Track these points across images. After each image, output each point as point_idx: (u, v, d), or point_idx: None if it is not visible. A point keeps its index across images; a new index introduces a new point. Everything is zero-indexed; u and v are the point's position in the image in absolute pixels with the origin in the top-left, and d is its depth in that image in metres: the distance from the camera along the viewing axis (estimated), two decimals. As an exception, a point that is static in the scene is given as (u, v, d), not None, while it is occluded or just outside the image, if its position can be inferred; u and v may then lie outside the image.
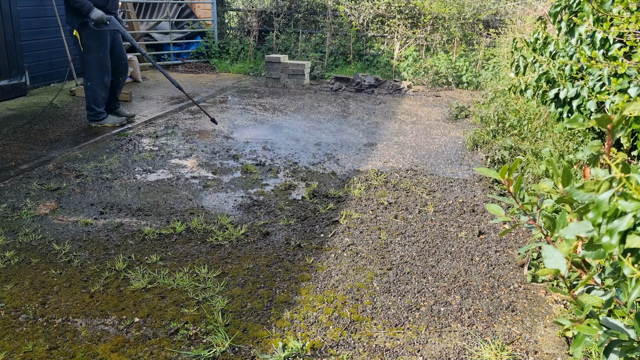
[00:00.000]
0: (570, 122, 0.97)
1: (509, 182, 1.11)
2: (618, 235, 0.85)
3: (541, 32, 3.46)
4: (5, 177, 4.01)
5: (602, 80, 2.79)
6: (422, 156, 4.92)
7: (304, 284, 2.73)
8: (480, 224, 3.50)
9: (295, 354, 2.18)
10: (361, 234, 3.31)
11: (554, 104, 3.36)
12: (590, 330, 0.97)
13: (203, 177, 4.17)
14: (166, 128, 5.57)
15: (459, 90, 8.34)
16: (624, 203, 0.83)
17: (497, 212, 1.13)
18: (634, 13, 2.60)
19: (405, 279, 2.81)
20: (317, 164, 4.61)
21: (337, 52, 9.44)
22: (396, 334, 2.36)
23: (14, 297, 2.52)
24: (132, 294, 2.57)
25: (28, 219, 3.33)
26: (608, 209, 0.86)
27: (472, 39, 8.85)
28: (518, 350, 2.29)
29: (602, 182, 0.89)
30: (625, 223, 0.84)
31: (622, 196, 0.85)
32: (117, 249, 3.01)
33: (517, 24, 7.61)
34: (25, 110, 5.99)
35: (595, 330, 0.96)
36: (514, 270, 2.95)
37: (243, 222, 3.40)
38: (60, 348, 2.18)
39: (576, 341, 1.01)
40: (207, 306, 2.49)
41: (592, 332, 0.97)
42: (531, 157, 4.21)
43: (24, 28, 6.66)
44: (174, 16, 9.72)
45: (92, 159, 4.48)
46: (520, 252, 3.08)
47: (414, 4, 8.91)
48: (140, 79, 7.91)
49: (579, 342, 1.00)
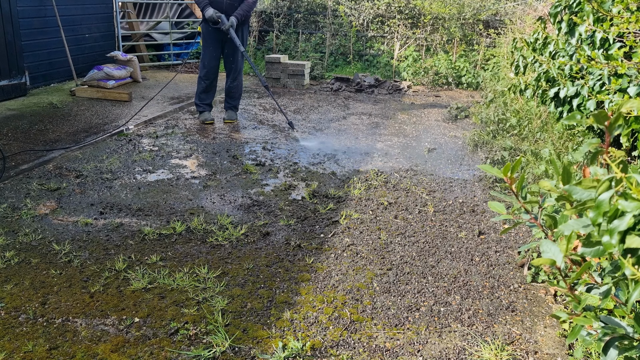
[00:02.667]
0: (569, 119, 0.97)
1: (511, 180, 1.11)
2: (618, 235, 0.85)
3: (541, 32, 3.46)
4: (5, 177, 4.01)
5: (602, 80, 2.79)
6: (422, 156, 4.92)
7: (304, 284, 2.73)
8: (480, 224, 3.50)
9: (295, 354, 2.18)
10: (361, 234, 3.31)
11: (554, 103, 3.36)
12: (587, 321, 0.97)
13: (203, 177, 4.17)
14: (166, 128, 5.57)
15: (459, 90, 8.34)
16: (624, 203, 0.83)
17: (498, 210, 1.13)
18: (634, 13, 2.60)
19: (405, 279, 2.81)
20: (317, 164, 4.61)
21: (337, 52, 9.44)
22: (396, 334, 2.36)
23: (14, 297, 2.52)
24: (132, 294, 2.57)
25: (28, 219, 3.33)
26: (608, 208, 0.86)
27: (472, 39, 8.85)
28: (518, 351, 2.29)
29: (603, 182, 0.89)
30: (625, 223, 0.84)
31: (622, 196, 0.85)
32: (117, 249, 3.01)
33: (517, 24, 7.61)
34: (25, 111, 5.99)
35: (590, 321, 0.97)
36: (514, 271, 2.95)
37: (243, 222, 3.40)
38: (60, 348, 2.18)
39: (572, 333, 1.01)
40: (207, 306, 2.49)
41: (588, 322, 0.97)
42: (531, 158, 4.21)
43: (24, 28, 6.66)
44: (174, 16, 9.72)
45: (92, 159, 4.48)
46: (520, 250, 3.08)
47: (414, 4, 8.91)
48: (140, 79, 7.91)
49: (575, 334, 1.00)
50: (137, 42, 9.15)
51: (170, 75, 8.64)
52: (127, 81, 7.68)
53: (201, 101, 5.91)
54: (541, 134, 4.68)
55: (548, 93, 3.30)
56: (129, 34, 9.11)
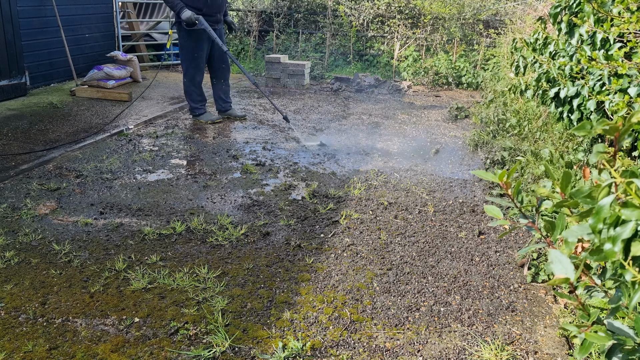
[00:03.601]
0: (578, 129, 0.96)
1: (507, 185, 1.11)
2: (621, 243, 0.84)
3: (541, 32, 3.46)
4: (5, 177, 4.01)
5: (603, 80, 2.79)
6: (422, 156, 4.92)
7: (304, 284, 2.73)
8: (480, 224, 3.50)
9: (295, 354, 2.18)
10: (361, 234, 3.31)
11: (554, 103, 3.36)
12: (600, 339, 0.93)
13: (203, 177, 4.17)
14: (166, 128, 5.56)
15: (459, 90, 8.34)
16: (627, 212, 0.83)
17: (495, 214, 1.12)
18: (634, 13, 2.60)
19: (405, 279, 2.81)
20: (317, 164, 4.61)
21: (337, 52, 9.44)
22: (396, 334, 2.36)
23: (14, 297, 2.52)
24: (132, 294, 2.57)
25: (28, 219, 3.33)
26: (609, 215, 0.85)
27: (472, 39, 8.84)
28: (518, 351, 2.29)
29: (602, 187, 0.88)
30: (628, 230, 0.83)
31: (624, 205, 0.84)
32: (117, 249, 3.01)
33: (517, 24, 7.61)
34: (25, 111, 5.99)
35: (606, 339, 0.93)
36: (514, 271, 2.95)
37: (243, 222, 3.40)
38: (60, 348, 2.18)
39: (583, 348, 0.98)
40: (207, 306, 2.49)
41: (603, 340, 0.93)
42: (531, 158, 4.21)
43: (24, 28, 6.65)
44: (174, 16, 9.71)
45: (92, 159, 4.48)
46: (520, 253, 3.08)
47: (414, 4, 8.91)
48: (140, 79, 7.91)
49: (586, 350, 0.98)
50: (137, 42, 9.14)
51: (170, 75, 8.64)
52: (127, 81, 7.68)
53: (201, 103, 5.91)
54: (540, 134, 4.68)
55: (548, 93, 3.30)
56: (129, 34, 9.11)
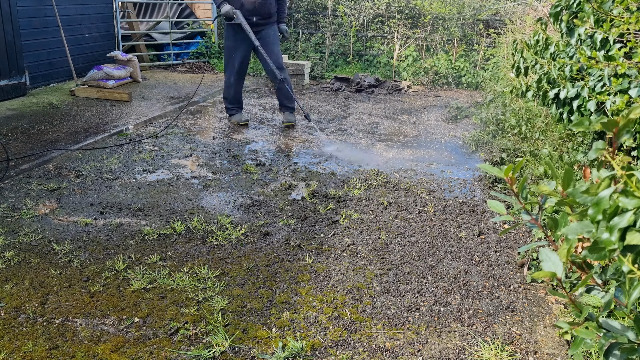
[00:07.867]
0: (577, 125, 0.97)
1: (512, 181, 1.11)
2: (618, 232, 0.85)
3: (541, 33, 3.46)
4: (5, 177, 4.01)
5: (603, 81, 2.79)
6: (422, 156, 4.92)
7: (303, 284, 2.73)
8: (480, 224, 3.50)
9: (295, 354, 2.18)
10: (361, 234, 3.31)
11: (555, 104, 3.36)
12: (589, 334, 0.96)
13: (203, 177, 4.17)
14: (166, 128, 5.56)
15: (459, 90, 8.34)
16: (625, 200, 0.84)
17: (498, 209, 1.12)
18: (634, 13, 2.60)
19: (405, 279, 2.81)
20: (316, 163, 4.61)
21: (337, 52, 9.44)
22: (396, 334, 2.36)
23: (14, 297, 2.52)
24: (132, 294, 2.57)
25: (28, 219, 3.33)
26: (608, 206, 0.86)
27: (472, 39, 8.84)
28: (518, 351, 2.29)
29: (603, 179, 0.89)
30: (625, 220, 0.84)
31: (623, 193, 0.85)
32: (117, 249, 3.01)
33: (517, 24, 7.61)
34: (25, 110, 5.98)
35: (594, 333, 0.96)
36: (514, 270, 2.95)
37: (243, 222, 3.40)
38: (60, 348, 2.18)
39: (575, 344, 1.00)
40: (207, 306, 2.49)
41: (590, 335, 0.97)
42: (530, 158, 4.21)
43: (24, 28, 6.65)
44: (174, 16, 9.71)
45: (92, 159, 4.48)
46: (520, 251, 3.08)
47: (414, 4, 8.91)
48: (140, 79, 7.91)
49: (577, 345, 1.00)
50: (137, 42, 9.14)
51: (170, 75, 8.64)
52: (127, 81, 7.67)
53: (231, 104, 5.87)
54: (540, 134, 4.68)
55: (549, 94, 3.30)
56: (129, 33, 9.11)
